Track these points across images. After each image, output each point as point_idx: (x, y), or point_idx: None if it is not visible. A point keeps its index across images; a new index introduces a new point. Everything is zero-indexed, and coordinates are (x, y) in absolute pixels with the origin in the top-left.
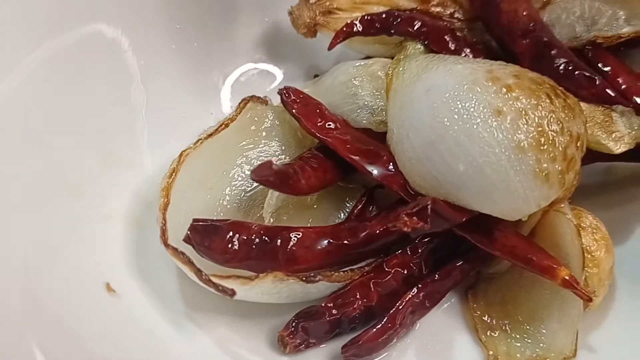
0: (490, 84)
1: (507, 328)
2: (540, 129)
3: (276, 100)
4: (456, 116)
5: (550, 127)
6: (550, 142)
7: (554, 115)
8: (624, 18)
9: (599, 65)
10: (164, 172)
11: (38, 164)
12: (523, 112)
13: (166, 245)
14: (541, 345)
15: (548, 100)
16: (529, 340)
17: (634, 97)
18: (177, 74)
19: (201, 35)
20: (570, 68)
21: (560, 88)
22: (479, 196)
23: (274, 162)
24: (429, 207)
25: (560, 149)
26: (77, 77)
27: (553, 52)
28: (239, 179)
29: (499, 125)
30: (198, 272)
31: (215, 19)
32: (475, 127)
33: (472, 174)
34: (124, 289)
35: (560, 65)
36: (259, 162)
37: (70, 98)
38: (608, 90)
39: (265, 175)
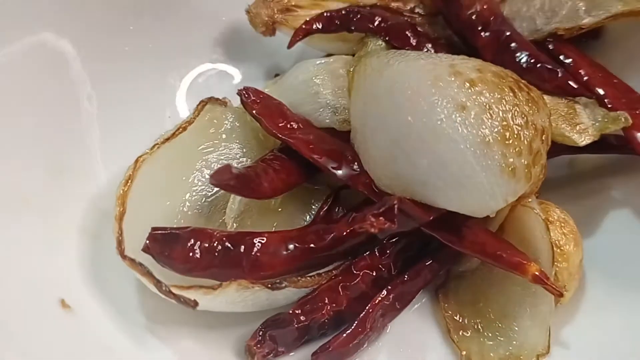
0: (452, 79)
1: (479, 327)
2: (504, 123)
3: (236, 101)
4: (419, 113)
5: (514, 120)
6: (515, 136)
7: (518, 109)
8: (584, 9)
9: (561, 57)
10: (118, 180)
11: None
12: (487, 107)
13: (123, 256)
14: (514, 343)
15: (512, 94)
16: (502, 339)
17: (596, 89)
18: (130, 76)
19: (155, 36)
20: (532, 61)
21: (523, 81)
22: (446, 194)
23: (234, 166)
24: (395, 206)
25: (526, 142)
26: (21, 87)
27: (514, 45)
28: (199, 184)
29: (463, 120)
30: (157, 283)
31: (170, 19)
32: (439, 123)
33: (437, 171)
34: (80, 305)
35: (522, 58)
36: (219, 166)
37: (15, 109)
38: (570, 82)
39: (225, 180)
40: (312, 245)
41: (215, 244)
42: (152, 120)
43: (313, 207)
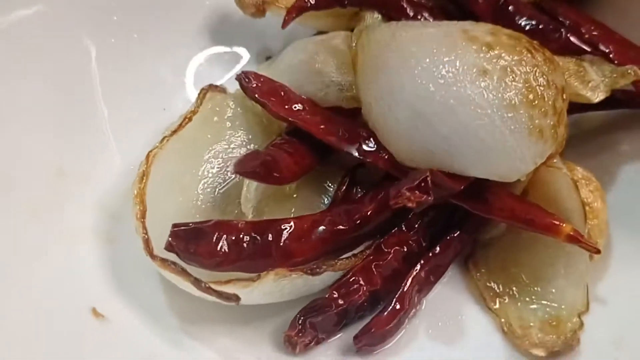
0: (469, 44)
1: (515, 293)
2: (527, 84)
3: (233, 87)
4: (441, 81)
5: (537, 81)
6: (539, 97)
7: (538, 70)
8: None
9: (559, 16)
10: (122, 180)
11: None
12: (508, 69)
13: (153, 257)
14: (553, 305)
15: (529, 55)
16: (540, 302)
17: (600, 45)
18: (119, 71)
19: (140, 26)
20: (533, 22)
21: (535, 42)
22: (475, 161)
23: (260, 152)
24: (428, 179)
25: (550, 102)
26: (26, 86)
27: (512, 8)
28: (210, 175)
29: (487, 85)
30: (196, 281)
31: (154, 7)
32: (463, 90)
33: (466, 139)
34: (111, 312)
35: (522, 20)
36: (228, 156)
37: (19, 110)
38: (574, 41)
39: (252, 167)
40: (340, 226)
41: (241, 236)
42: (148, 115)
43: (329, 189)
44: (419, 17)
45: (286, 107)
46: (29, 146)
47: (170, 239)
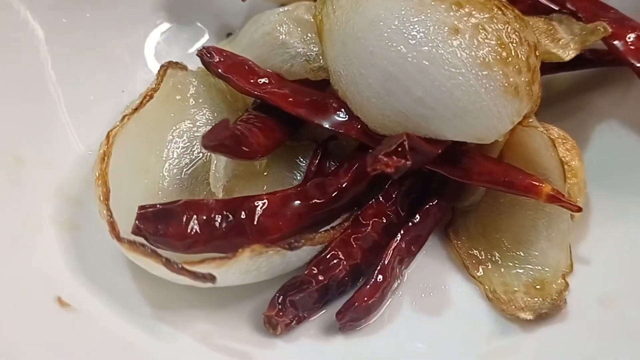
0: (439, 3)
1: (497, 258)
2: (500, 42)
3: (194, 64)
4: (412, 42)
5: (509, 38)
6: (513, 54)
7: (510, 26)
8: None
9: None
10: (82, 165)
11: None
12: (480, 27)
13: (120, 239)
14: (536, 267)
15: (500, 12)
16: (523, 266)
17: (567, 3)
18: (73, 53)
19: (93, 4)
20: None
21: (504, 0)
22: (452, 123)
23: (228, 121)
24: (405, 143)
25: (523, 59)
26: None
27: None
28: (175, 155)
29: (460, 44)
30: (167, 262)
31: None
32: (435, 50)
33: (441, 100)
34: (79, 302)
35: None
36: (193, 135)
37: None
38: (542, 0)
39: (221, 139)
40: (316, 200)
41: (213, 215)
42: (107, 97)
43: (301, 164)
44: None
45: (251, 81)
46: None
47: (137, 221)
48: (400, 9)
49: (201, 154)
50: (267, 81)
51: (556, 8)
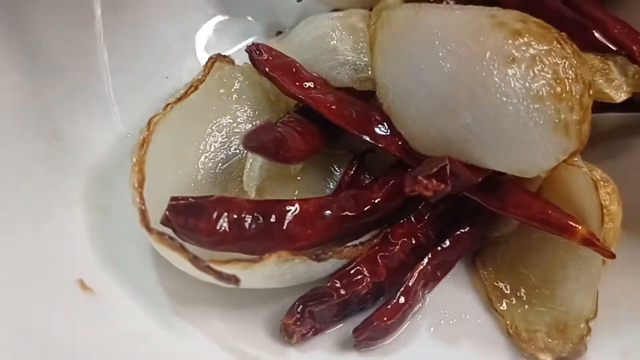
0: (498, 30)
1: (522, 294)
2: (556, 76)
3: (241, 59)
4: (467, 67)
5: (565, 74)
6: (567, 90)
7: (567, 62)
8: None
9: (585, 12)
10: (118, 147)
11: None
12: (537, 59)
13: (149, 230)
14: (561, 309)
15: (559, 46)
16: (548, 305)
17: (625, 45)
18: (123, 32)
19: None
20: (559, 14)
21: (563, 34)
22: (496, 152)
23: (274, 126)
24: (447, 167)
25: (577, 97)
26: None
27: None
28: (212, 149)
29: (515, 73)
30: (194, 259)
31: None
32: (489, 77)
33: (488, 128)
34: (100, 286)
35: (548, 11)
36: (232, 131)
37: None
38: (600, 38)
39: (263, 141)
40: (347, 212)
41: (243, 215)
42: (149, 82)
43: (335, 173)
44: (442, 1)
45: (297, 84)
46: (25, 103)
47: (167, 212)
48: (457, 31)
49: (238, 151)
50: (312, 85)
51: (613, 48)
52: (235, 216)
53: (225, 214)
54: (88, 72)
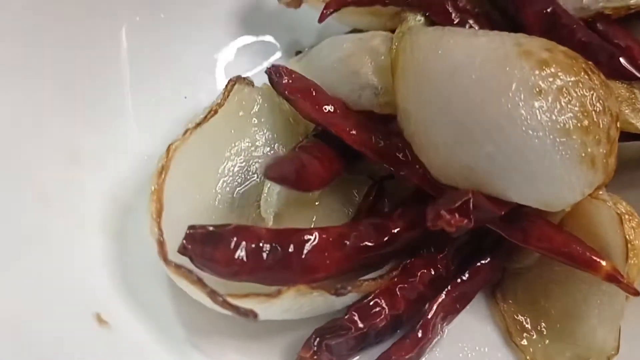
0: (524, 59)
1: (543, 329)
2: (583, 108)
3: (260, 79)
4: (493, 97)
5: (593, 106)
6: (594, 123)
7: (595, 93)
8: None
9: (611, 38)
10: (136, 169)
11: None
12: (564, 90)
13: (167, 261)
14: (582, 345)
15: (587, 77)
16: (569, 341)
17: None
18: (141, 52)
19: (168, 5)
20: (585, 41)
21: (591, 63)
22: (520, 185)
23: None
24: (470, 201)
25: (604, 130)
26: (33, 71)
27: (564, 23)
28: (230, 174)
29: (542, 106)
30: (212, 293)
31: None
32: (515, 108)
33: (513, 160)
34: (116, 319)
35: (574, 37)
36: (250, 154)
37: (30, 92)
38: (626, 65)
39: (286, 173)
40: (367, 243)
41: (261, 244)
42: (168, 101)
43: (354, 198)
44: (464, 24)
45: (317, 107)
46: (44, 127)
47: (184, 241)
48: (483, 59)
49: (255, 175)
50: (332, 109)
51: None
52: (253, 246)
53: (243, 243)
54: (108, 94)
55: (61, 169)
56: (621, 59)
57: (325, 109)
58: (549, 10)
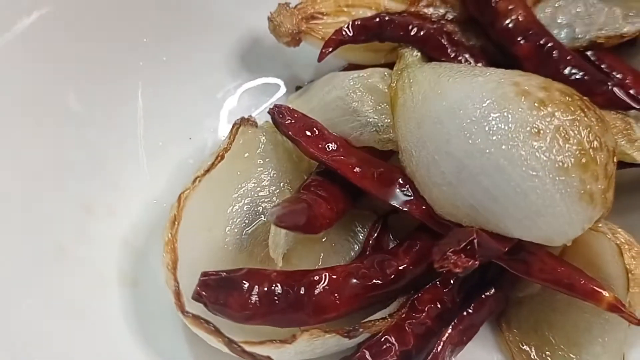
0: (522, 100)
1: (547, 356)
2: (581, 147)
3: (263, 117)
4: (492, 137)
5: (590, 144)
6: (592, 160)
7: (591, 131)
8: (622, 16)
9: (605, 68)
10: (145, 214)
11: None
12: (562, 130)
13: (184, 313)
14: None
15: (582, 114)
16: None
17: None
18: (144, 97)
19: (169, 49)
20: (579, 72)
21: (586, 98)
22: (522, 223)
23: (304, 204)
24: (475, 241)
25: (602, 166)
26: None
27: (557, 55)
28: (238, 216)
29: (540, 146)
30: (229, 343)
31: (183, 30)
32: (515, 149)
33: (514, 199)
34: None
35: (567, 69)
36: (257, 195)
37: (37, 141)
38: (620, 95)
39: (298, 221)
40: (375, 281)
41: (273, 287)
42: (173, 143)
43: (359, 233)
44: (459, 57)
45: (320, 146)
46: (56, 178)
47: (198, 288)
48: (482, 100)
49: (262, 215)
50: (334, 147)
51: (635, 105)
52: (266, 289)
53: (256, 287)
54: (115, 141)
55: (77, 221)
56: (615, 89)
57: (329, 147)
58: (542, 42)
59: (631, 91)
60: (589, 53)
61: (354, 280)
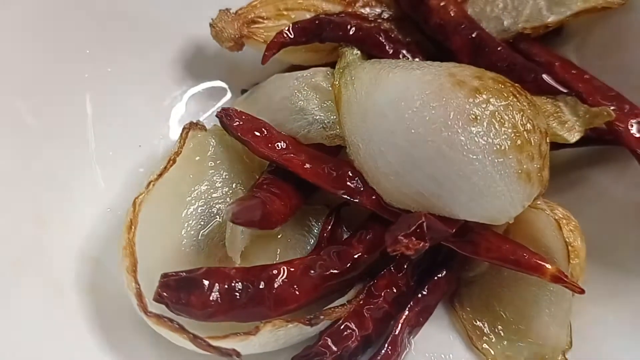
0: (458, 89)
1: (500, 331)
2: (515, 129)
3: (211, 120)
4: (433, 126)
5: (524, 126)
6: (526, 141)
7: (524, 114)
8: (546, 7)
9: (533, 57)
10: (100, 222)
11: None
12: (497, 115)
13: (147, 313)
14: (538, 342)
15: (515, 99)
16: (525, 340)
17: (573, 85)
18: (92, 107)
19: (113, 59)
20: (509, 61)
21: (517, 85)
22: (467, 205)
23: (261, 200)
24: (424, 224)
25: (536, 146)
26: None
27: (489, 47)
28: (193, 218)
29: (478, 131)
30: (194, 339)
31: (126, 39)
32: (455, 136)
33: (458, 183)
34: None
35: (498, 59)
36: (210, 197)
37: None
38: (549, 81)
39: (254, 217)
40: (332, 270)
41: (233, 284)
42: (123, 152)
43: (313, 227)
44: (397, 53)
45: (269, 145)
46: (7, 190)
47: (159, 289)
48: (421, 91)
49: (217, 216)
50: (284, 146)
51: (563, 90)
52: (226, 286)
53: (216, 285)
54: (65, 152)
55: (31, 233)
56: (544, 76)
57: (278, 146)
58: (474, 35)
59: (558, 77)
60: (519, 44)
61: (312, 272)
